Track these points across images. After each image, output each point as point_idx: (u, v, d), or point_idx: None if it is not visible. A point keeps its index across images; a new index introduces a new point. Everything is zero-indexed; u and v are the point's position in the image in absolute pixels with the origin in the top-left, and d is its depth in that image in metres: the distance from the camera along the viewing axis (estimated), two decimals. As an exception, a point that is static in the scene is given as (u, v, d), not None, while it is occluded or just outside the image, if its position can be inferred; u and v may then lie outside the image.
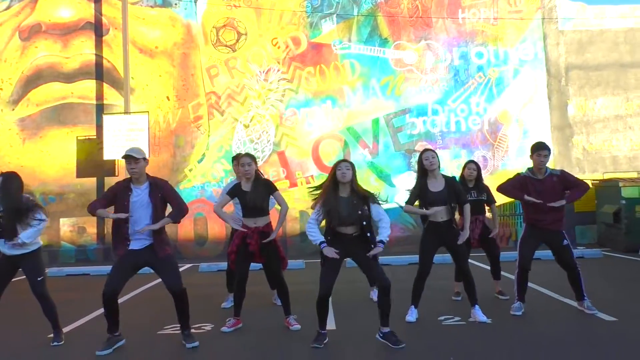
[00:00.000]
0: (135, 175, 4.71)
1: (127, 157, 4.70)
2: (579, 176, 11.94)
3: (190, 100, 12.29)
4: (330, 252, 4.54)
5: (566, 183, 5.50)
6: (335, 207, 4.60)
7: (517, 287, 5.61)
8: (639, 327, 4.90)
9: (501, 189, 5.75)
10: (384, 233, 4.55)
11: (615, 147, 12.26)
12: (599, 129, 12.28)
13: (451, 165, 11.90)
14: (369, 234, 4.59)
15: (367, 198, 4.65)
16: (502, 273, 6.60)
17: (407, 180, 11.87)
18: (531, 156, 5.61)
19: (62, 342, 5.01)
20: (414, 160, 11.98)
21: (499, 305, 5.97)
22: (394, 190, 11.85)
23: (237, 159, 6.07)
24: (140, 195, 4.70)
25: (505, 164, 11.99)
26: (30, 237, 4.80)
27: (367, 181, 11.89)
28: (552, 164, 11.96)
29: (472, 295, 5.33)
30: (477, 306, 5.33)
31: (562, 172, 5.60)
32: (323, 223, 4.76)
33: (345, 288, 6.72)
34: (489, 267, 6.64)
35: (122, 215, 4.60)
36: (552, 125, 12.20)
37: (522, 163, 11.94)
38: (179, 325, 4.92)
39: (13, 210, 4.78)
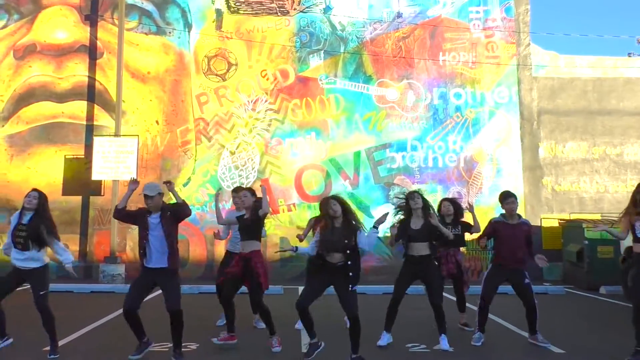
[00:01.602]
0: (152, 210, 5.41)
1: (144, 196, 5.37)
2: (548, 215, 12.74)
3: (179, 125, 12.79)
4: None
5: (528, 237, 6.17)
6: (329, 236, 5.22)
7: (479, 318, 6.19)
8: (583, 359, 5.48)
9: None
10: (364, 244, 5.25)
11: (582, 189, 13.05)
12: (567, 171, 13.08)
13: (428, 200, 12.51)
14: (349, 262, 5.16)
15: (356, 230, 5.27)
16: (468, 305, 7.16)
17: (385, 212, 12.40)
18: (502, 205, 6.28)
19: (58, 355, 5.39)
20: (393, 193, 12.61)
21: (463, 336, 6.52)
22: (372, 222, 12.38)
23: (237, 192, 6.75)
24: (155, 219, 5.35)
25: (479, 201, 12.66)
26: (67, 259, 5.49)
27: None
28: (522, 202, 12.67)
29: (441, 326, 5.93)
30: (443, 335, 5.91)
31: (530, 225, 6.33)
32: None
33: (321, 314, 7.18)
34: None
35: (134, 183, 5.50)
36: (524, 166, 12.96)
37: (495, 200, 12.54)
38: (167, 343, 5.36)
39: (37, 228, 5.33)
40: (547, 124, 13.17)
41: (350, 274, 5.15)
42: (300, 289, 8.42)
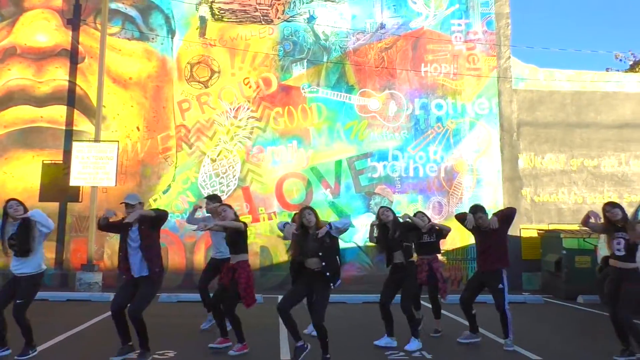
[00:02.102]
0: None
1: (125, 204, 5.66)
2: (527, 225, 12.89)
3: (160, 132, 12.72)
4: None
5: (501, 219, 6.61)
6: (303, 241, 5.49)
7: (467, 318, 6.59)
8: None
9: (459, 216, 6.76)
10: (336, 222, 5.53)
11: (561, 200, 13.25)
12: (546, 182, 13.27)
13: (408, 209, 12.60)
14: (324, 263, 5.35)
15: (328, 231, 5.43)
16: (448, 314, 7.21)
17: (366, 221, 12.49)
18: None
19: (29, 355, 5.46)
20: (374, 202, 12.67)
21: (440, 342, 6.58)
22: (353, 231, 12.44)
23: (212, 200, 7.28)
24: (134, 231, 5.57)
25: (458, 210, 12.71)
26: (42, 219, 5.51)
27: (327, 220, 12.40)
28: (502, 213, 12.81)
29: (412, 329, 6.22)
30: (413, 338, 6.21)
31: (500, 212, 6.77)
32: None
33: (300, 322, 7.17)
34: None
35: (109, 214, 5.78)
36: (504, 177, 13.12)
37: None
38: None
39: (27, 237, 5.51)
40: (527, 136, 13.37)
41: (327, 274, 5.35)
42: (280, 297, 8.49)
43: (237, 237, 6.00)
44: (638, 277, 5.74)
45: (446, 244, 12.59)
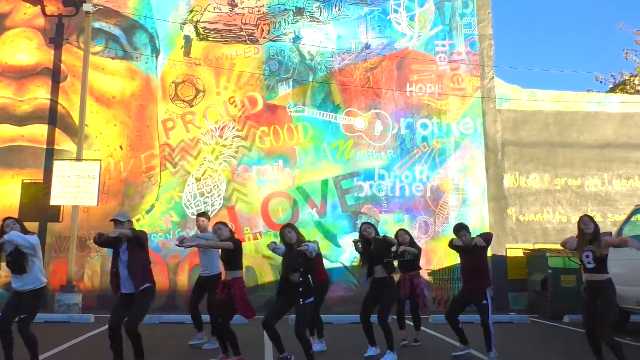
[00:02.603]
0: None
1: (114, 221, 5.85)
2: (512, 245, 12.99)
3: (143, 151, 12.66)
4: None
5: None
6: (289, 257, 5.92)
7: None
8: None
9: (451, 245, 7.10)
10: (313, 245, 5.85)
11: (545, 219, 13.39)
12: (531, 202, 13.42)
13: (394, 229, 12.61)
14: (301, 279, 5.78)
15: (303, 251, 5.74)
16: (429, 331, 7.22)
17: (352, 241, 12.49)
18: (457, 236, 6.99)
19: None
20: (360, 221, 12.65)
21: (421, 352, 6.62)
22: (339, 250, 12.44)
23: (202, 216, 7.82)
24: (124, 248, 5.83)
25: (445, 230, 12.83)
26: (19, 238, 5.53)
27: (314, 240, 12.39)
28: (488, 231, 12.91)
29: (387, 342, 6.54)
30: (389, 351, 6.53)
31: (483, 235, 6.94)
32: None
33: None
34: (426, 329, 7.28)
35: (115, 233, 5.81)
36: (489, 196, 13.25)
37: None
38: None
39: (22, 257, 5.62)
40: (511, 155, 13.55)
41: (300, 289, 5.76)
42: None
43: (231, 254, 6.29)
44: (612, 288, 5.90)
45: (432, 264, 12.67)
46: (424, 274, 12.14)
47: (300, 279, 5.78)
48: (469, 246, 6.78)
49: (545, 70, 26.52)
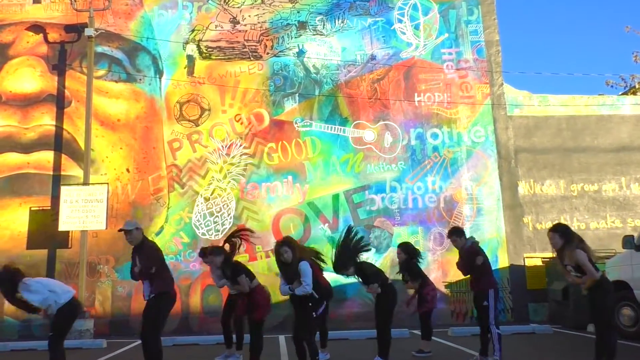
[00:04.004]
0: (132, 244, 6.14)
1: (122, 230, 6.09)
2: (530, 254, 12.94)
3: (150, 173, 12.82)
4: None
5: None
6: (287, 272, 6.25)
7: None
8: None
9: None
10: (301, 289, 6.09)
11: (563, 226, 13.32)
12: (547, 209, 13.40)
13: (409, 241, 12.66)
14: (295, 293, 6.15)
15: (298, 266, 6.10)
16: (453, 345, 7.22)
17: (366, 255, 12.50)
18: None
19: None
20: (373, 235, 12.72)
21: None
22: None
23: (204, 256, 8.02)
24: (135, 256, 6.08)
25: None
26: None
27: (327, 256, 12.41)
28: (504, 242, 12.94)
29: (380, 348, 6.95)
30: (377, 357, 6.89)
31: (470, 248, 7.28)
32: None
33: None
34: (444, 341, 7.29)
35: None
36: (504, 205, 13.25)
37: (477, 240, 12.81)
38: None
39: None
40: (525, 162, 13.57)
41: (310, 303, 6.13)
42: (281, 337, 8.76)
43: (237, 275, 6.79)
44: (606, 284, 6.04)
45: (449, 276, 12.63)
46: (440, 286, 12.15)
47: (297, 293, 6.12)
48: (460, 251, 7.21)
49: (555, 74, 26.57)
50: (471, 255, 7.06)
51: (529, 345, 8.68)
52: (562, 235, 5.94)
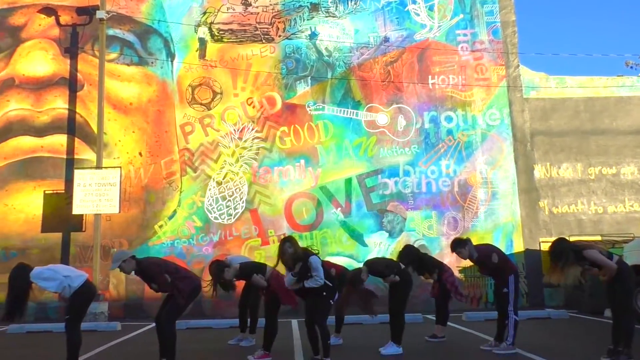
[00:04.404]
0: (129, 274, 6.25)
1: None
2: (546, 238, 12.80)
3: (163, 157, 12.85)
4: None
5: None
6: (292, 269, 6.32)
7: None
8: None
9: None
10: (311, 282, 6.13)
11: (580, 210, 13.20)
12: (564, 193, 13.24)
13: (422, 226, 12.66)
14: (305, 285, 6.18)
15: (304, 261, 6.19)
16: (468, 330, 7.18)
17: (379, 240, 12.53)
18: None
19: None
20: (386, 220, 12.68)
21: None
22: (366, 250, 12.43)
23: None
24: None
25: (475, 225, 12.75)
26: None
27: (340, 240, 12.51)
28: (519, 226, 12.83)
29: (393, 333, 6.99)
30: (391, 342, 6.92)
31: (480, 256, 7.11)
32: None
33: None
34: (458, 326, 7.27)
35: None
36: (520, 188, 13.10)
37: (492, 224, 12.78)
38: None
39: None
40: (541, 145, 13.39)
41: (324, 293, 6.21)
42: (294, 321, 8.82)
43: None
44: (625, 269, 6.13)
45: (463, 261, 12.51)
46: (454, 271, 12.08)
47: (305, 285, 6.17)
48: (471, 261, 7.12)
49: (573, 55, 26.08)
50: (486, 260, 7.01)
51: (545, 330, 8.62)
52: (557, 258, 6.09)
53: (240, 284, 7.74)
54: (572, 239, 12.57)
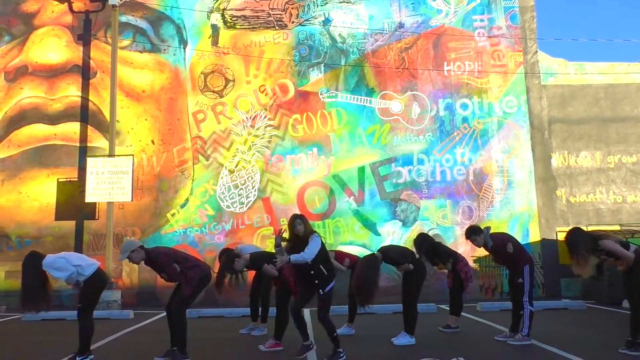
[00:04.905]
0: (138, 264, 6.18)
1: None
2: (563, 228, 12.62)
3: (175, 145, 12.85)
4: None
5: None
6: (298, 247, 5.92)
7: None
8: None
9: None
10: (297, 255, 5.79)
11: (599, 199, 12.99)
12: (582, 182, 13.03)
13: (436, 215, 12.55)
14: (312, 272, 5.89)
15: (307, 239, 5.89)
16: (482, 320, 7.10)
17: (392, 229, 12.45)
18: None
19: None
20: (400, 209, 12.59)
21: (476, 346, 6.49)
22: (379, 239, 12.36)
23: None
24: None
25: (490, 214, 12.61)
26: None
27: (352, 229, 12.44)
28: (536, 215, 12.66)
29: (406, 325, 6.91)
30: (404, 332, 6.88)
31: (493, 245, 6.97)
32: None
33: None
34: (473, 316, 7.18)
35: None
36: (537, 177, 12.93)
37: (507, 214, 12.63)
38: None
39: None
40: (559, 133, 13.18)
41: (316, 281, 5.90)
42: (305, 311, 8.78)
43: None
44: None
45: (478, 251, 12.40)
46: (468, 261, 11.98)
47: (312, 272, 5.89)
48: (486, 249, 7.01)
49: (593, 40, 25.59)
50: (501, 249, 6.91)
51: (561, 321, 8.52)
52: (574, 248, 6.05)
53: (251, 274, 7.74)
54: (589, 228, 12.44)
